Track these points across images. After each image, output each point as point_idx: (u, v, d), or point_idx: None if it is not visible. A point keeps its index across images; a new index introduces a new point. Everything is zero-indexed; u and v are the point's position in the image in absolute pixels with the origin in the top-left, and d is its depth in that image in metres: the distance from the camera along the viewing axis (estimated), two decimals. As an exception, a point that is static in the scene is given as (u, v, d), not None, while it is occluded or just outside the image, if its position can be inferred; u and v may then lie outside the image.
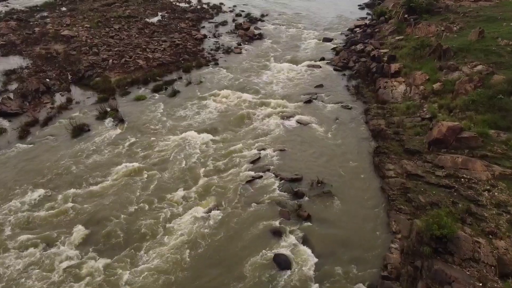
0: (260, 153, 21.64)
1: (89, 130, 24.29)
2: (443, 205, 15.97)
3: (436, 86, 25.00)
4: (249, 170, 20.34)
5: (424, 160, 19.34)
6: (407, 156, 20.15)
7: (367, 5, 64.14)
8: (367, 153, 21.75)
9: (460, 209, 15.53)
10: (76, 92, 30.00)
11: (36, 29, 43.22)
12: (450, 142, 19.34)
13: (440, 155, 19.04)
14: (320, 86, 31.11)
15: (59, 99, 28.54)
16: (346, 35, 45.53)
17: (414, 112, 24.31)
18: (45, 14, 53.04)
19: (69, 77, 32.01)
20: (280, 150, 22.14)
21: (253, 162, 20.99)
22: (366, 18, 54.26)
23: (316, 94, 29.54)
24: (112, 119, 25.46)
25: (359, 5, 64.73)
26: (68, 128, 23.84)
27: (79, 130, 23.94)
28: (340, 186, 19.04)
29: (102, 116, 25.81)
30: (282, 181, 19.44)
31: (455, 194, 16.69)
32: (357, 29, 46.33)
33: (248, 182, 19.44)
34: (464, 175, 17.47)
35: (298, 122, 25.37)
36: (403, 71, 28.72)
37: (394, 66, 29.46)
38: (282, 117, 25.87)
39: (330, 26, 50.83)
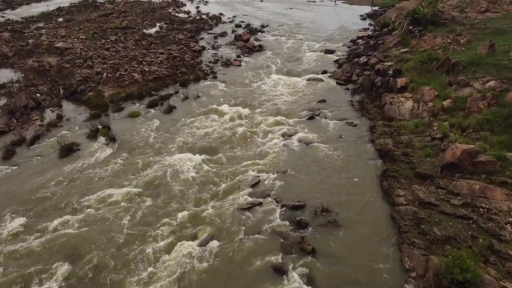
0: (259, 176, 20.16)
1: (78, 150, 22.86)
2: (461, 240, 14.46)
3: (446, 103, 23.60)
4: (247, 195, 18.85)
5: (437, 186, 17.85)
6: (418, 181, 18.66)
7: (369, 16, 63.26)
8: (375, 176, 20.26)
9: (481, 245, 14.02)
10: (68, 107, 28.65)
11: (30, 40, 42.13)
12: (465, 166, 17.88)
13: (455, 181, 17.56)
14: (323, 101, 29.74)
15: (49, 115, 27.19)
16: (348, 47, 44.36)
17: (423, 131, 22.87)
18: (41, 25, 52.18)
19: (61, 91, 30.70)
20: (281, 172, 20.67)
21: (252, 186, 19.51)
22: (368, 29, 53.21)
23: (318, 109, 28.16)
24: (104, 138, 24.03)
25: (360, 16, 63.84)
26: (55, 148, 22.41)
27: (68, 150, 22.51)
28: (347, 214, 17.52)
29: (92, 135, 24.41)
30: (284, 208, 17.93)
31: (474, 226, 15.18)
32: (360, 40, 45.16)
33: (247, 209, 17.94)
34: (483, 205, 15.97)
35: (300, 140, 23.94)
36: (410, 86, 27.34)
37: (400, 81, 28.11)
38: (283, 135, 24.45)
39: (332, 37, 49.73)
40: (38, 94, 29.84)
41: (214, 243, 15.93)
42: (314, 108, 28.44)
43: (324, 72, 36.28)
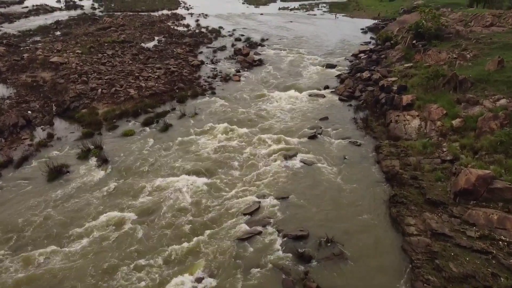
0: (259, 202, 18.89)
1: (67, 172, 21.62)
2: (480, 278, 13.14)
3: (456, 122, 22.44)
4: (246, 223, 17.56)
5: (451, 214, 16.57)
6: (430, 208, 17.38)
7: (370, 29, 62.68)
8: (382, 202, 18.99)
9: (504, 285, 12.70)
10: (60, 126, 27.53)
11: (25, 55, 41.24)
12: (480, 193, 16.64)
13: (470, 209, 16.30)
14: (325, 118, 28.63)
15: (40, 134, 26.04)
16: (350, 61, 43.49)
17: (432, 152, 21.66)
18: (38, 38, 51.47)
19: (54, 108, 29.63)
20: (282, 197, 19.40)
21: (251, 213, 18.22)
22: (370, 42, 52.51)
23: (321, 127, 27.02)
24: (95, 159, 22.82)
25: (361, 29, 63.27)
26: (43, 171, 21.18)
27: (57, 173, 21.27)
28: (353, 246, 16.21)
29: (84, 155, 23.22)
30: (286, 238, 16.63)
31: (494, 262, 13.89)
32: (362, 54, 44.34)
33: (245, 239, 16.63)
34: (502, 237, 14.70)
35: (302, 162, 22.72)
36: (416, 103, 26.22)
37: (406, 98, 27.00)
38: (284, 156, 23.23)
39: (333, 51, 48.93)
40: (29, 111, 28.76)
41: (209, 281, 14.57)
42: (316, 126, 27.30)
43: (326, 87, 35.27)
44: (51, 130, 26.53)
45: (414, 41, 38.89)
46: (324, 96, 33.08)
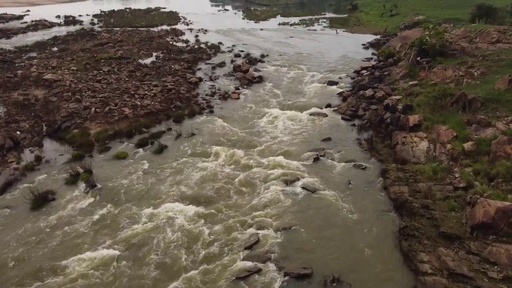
0: (258, 234, 17.43)
1: (53, 199, 20.22)
2: (508, 330, 11.63)
3: (467, 146, 21.11)
4: (244, 259, 16.08)
5: (468, 251, 15.11)
6: (444, 242, 15.92)
7: (371, 45, 61.89)
8: (392, 233, 17.54)
9: None
10: (49, 147, 26.24)
11: (19, 71, 40.25)
12: (500, 227, 15.22)
13: (490, 245, 14.86)
14: (328, 139, 27.33)
15: (27, 156, 24.72)
16: (352, 78, 42.41)
17: (443, 178, 20.27)
18: (34, 54, 50.52)
19: (44, 128, 28.35)
20: (284, 228, 17.96)
21: (250, 247, 16.76)
22: (371, 58, 51.56)
23: (323, 149, 25.68)
24: (84, 184, 21.43)
25: (363, 45, 62.48)
26: (27, 198, 19.76)
27: (42, 200, 19.88)
28: (362, 285, 14.70)
29: (72, 180, 21.85)
30: (287, 277, 15.13)
31: (521, 309, 12.38)
32: (364, 71, 43.29)
33: (243, 278, 15.13)
34: (529, 280, 13.22)
35: (304, 188, 21.32)
36: (424, 124, 24.95)
37: (412, 118, 25.73)
38: (285, 181, 21.85)
39: (335, 67, 47.91)
40: (18, 132, 27.53)
41: (203, 328, 13.06)
42: (319, 148, 25.97)
43: (328, 105, 34.06)
44: (40, 152, 25.24)
45: (418, 58, 37.83)
46: (326, 115, 31.84)
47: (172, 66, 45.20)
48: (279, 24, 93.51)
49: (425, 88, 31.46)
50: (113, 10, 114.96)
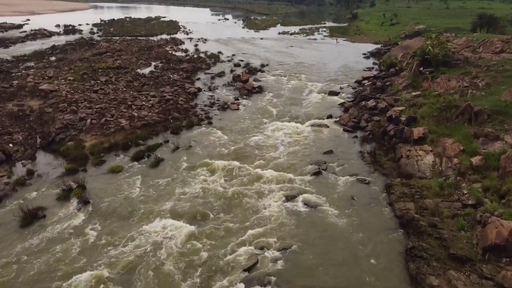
0: (258, 255, 16.53)
1: (44, 216, 19.32)
2: None
3: (475, 160, 20.31)
4: (242, 283, 15.17)
5: (481, 275, 14.22)
6: (455, 265, 15.03)
7: (372, 54, 61.54)
8: (398, 254, 16.65)
9: None
10: (42, 160, 25.40)
11: (15, 81, 39.47)
12: (514, 249, 14.34)
13: (504, 269, 13.97)
14: (330, 152, 26.54)
15: (19, 170, 23.86)
16: (353, 88, 41.82)
17: (450, 194, 19.45)
18: (32, 64, 49.88)
19: (38, 140, 27.56)
20: (284, 248, 17.07)
21: (249, 269, 15.86)
22: (373, 68, 51.08)
23: (325, 163, 24.88)
24: (77, 200, 20.58)
25: (363, 54, 62.10)
26: (16, 215, 18.90)
27: (32, 217, 18.99)
28: (368, 312, 13.80)
29: (64, 196, 20.98)
30: (288, 303, 14.23)
31: None
32: (366, 81, 42.72)
33: (241, 304, 14.24)
34: (548, 308, 12.32)
35: (305, 203, 20.47)
36: (429, 137, 24.19)
37: (417, 131, 24.98)
38: (286, 197, 21.00)
39: (335, 77, 47.36)
40: (11, 144, 26.71)
41: None
42: (320, 161, 25.17)
43: (329, 116, 33.35)
44: (32, 166, 24.39)
45: (421, 68, 37.25)
46: (328, 127, 31.10)
47: (171, 76, 44.62)
48: (279, 33, 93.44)
49: (429, 99, 30.81)
50: (113, 19, 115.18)
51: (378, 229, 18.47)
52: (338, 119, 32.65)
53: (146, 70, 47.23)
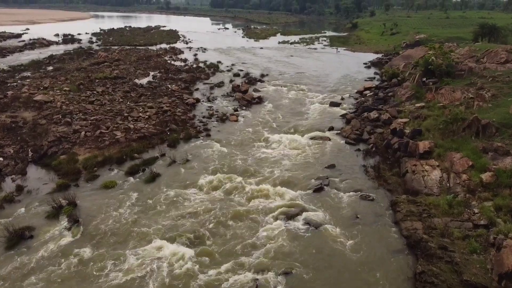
0: (257, 281, 15.47)
1: (31, 237, 18.29)
2: None
3: (485, 177, 19.35)
4: (241, 311, 14.11)
5: (498, 305, 13.17)
6: (469, 293, 13.99)
7: (373, 64, 60.92)
8: (406, 280, 15.61)
9: None
10: (33, 175, 24.44)
11: (10, 92, 38.61)
12: (533, 277, 13.30)
13: (522, 299, 12.92)
14: (332, 166, 25.58)
15: (8, 186, 22.89)
16: (355, 99, 41.02)
17: (460, 213, 18.44)
18: (28, 74, 49.12)
19: (30, 154, 26.61)
20: (285, 273, 16.01)
21: (247, 296, 14.82)
22: (374, 78, 50.38)
23: (327, 178, 23.90)
24: (67, 219, 19.56)
25: (364, 64, 61.49)
26: (2, 236, 17.87)
27: (18, 238, 17.97)
28: None
29: (54, 214, 19.96)
30: (289, 335, 13.16)
31: None
32: (367, 91, 41.90)
33: (239, 335, 13.16)
34: None
35: (307, 222, 19.44)
36: (435, 151, 23.26)
37: (422, 145, 24.06)
38: (286, 215, 19.98)
39: (336, 87, 46.61)
40: (1, 158, 25.76)
41: None
42: (322, 176, 24.19)
43: (331, 128, 32.46)
44: (22, 181, 23.43)
45: (424, 79, 36.45)
46: (329, 139, 30.17)
47: (169, 86, 43.84)
48: (279, 42, 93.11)
49: (433, 110, 29.97)
50: (113, 28, 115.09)
51: (384, 251, 17.43)
52: (340, 131, 31.75)
53: (144, 80, 46.49)
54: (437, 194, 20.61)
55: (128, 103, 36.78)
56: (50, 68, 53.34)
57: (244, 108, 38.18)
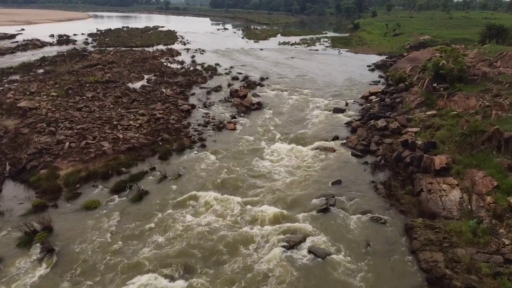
0: (254, 329, 13.22)
1: (-3, 270, 16.05)
2: None
3: (514, 201, 17.05)
4: None
5: None
6: None
7: (377, 66, 58.68)
8: (429, 326, 13.31)
9: None
10: (8, 193, 22.15)
11: (-7, 98, 36.32)
12: None
13: None
14: (338, 182, 23.33)
15: (-21, 206, 20.59)
16: (360, 104, 38.80)
17: (487, 243, 16.16)
18: (17, 77, 46.81)
19: (7, 168, 24.32)
20: (287, 317, 13.75)
21: None
22: (379, 82, 48.12)
23: (333, 196, 21.63)
24: (40, 247, 17.29)
25: (368, 66, 59.23)
26: (-37, 269, 15.64)
27: (-18, 271, 15.72)
28: None
29: (26, 241, 17.69)
30: None
31: None
32: (373, 97, 39.70)
33: None
34: None
35: (311, 252, 17.16)
36: (454, 168, 20.95)
37: (439, 160, 21.76)
38: (288, 242, 17.70)
39: (340, 91, 44.36)
40: (-25, 173, 23.46)
41: None
42: (327, 193, 21.93)
43: (336, 138, 30.22)
44: (-5, 201, 21.12)
45: (434, 84, 34.15)
46: (334, 150, 27.89)
47: (164, 90, 41.60)
48: (279, 43, 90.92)
49: (446, 119, 27.74)
50: (110, 29, 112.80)
51: (400, 287, 15.15)
52: (345, 141, 29.47)
53: (138, 84, 44.23)
54: (458, 218, 18.33)
55: (119, 109, 34.53)
56: (41, 70, 51.05)
57: (242, 114, 35.91)
